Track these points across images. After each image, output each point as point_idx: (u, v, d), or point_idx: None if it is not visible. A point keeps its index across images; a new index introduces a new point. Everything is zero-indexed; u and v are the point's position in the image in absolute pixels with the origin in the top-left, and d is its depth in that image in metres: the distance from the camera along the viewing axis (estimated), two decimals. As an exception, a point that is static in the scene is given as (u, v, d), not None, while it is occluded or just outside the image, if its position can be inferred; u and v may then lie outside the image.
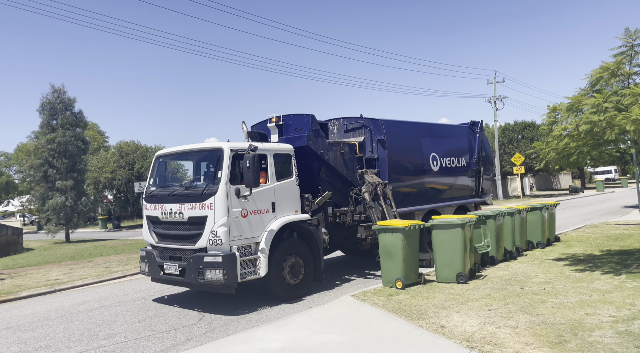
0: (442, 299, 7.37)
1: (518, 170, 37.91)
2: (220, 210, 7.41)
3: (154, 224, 8.48)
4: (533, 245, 11.95)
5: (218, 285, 7.35)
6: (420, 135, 11.53)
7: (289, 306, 7.94)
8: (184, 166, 9.41)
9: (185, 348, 6.04)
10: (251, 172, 7.40)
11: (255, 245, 7.78)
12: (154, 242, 8.41)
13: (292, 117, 9.59)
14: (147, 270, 8.43)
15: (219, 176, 7.63)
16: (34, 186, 24.70)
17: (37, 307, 9.04)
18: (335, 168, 9.53)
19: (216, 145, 8.06)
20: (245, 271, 7.50)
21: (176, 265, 7.79)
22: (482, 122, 13.53)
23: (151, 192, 8.64)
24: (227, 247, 7.37)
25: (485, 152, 13.46)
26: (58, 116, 23.14)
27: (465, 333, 5.70)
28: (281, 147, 8.70)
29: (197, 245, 7.57)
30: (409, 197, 10.92)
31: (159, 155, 8.92)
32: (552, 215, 12.68)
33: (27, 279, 11.94)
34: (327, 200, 9.25)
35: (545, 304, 6.74)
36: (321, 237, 8.85)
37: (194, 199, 7.71)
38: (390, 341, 5.58)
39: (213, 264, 7.29)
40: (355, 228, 9.78)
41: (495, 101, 39.14)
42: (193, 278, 7.47)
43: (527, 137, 42.04)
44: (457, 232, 8.44)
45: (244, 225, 7.63)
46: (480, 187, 13.11)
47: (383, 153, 10.32)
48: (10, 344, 6.73)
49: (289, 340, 5.81)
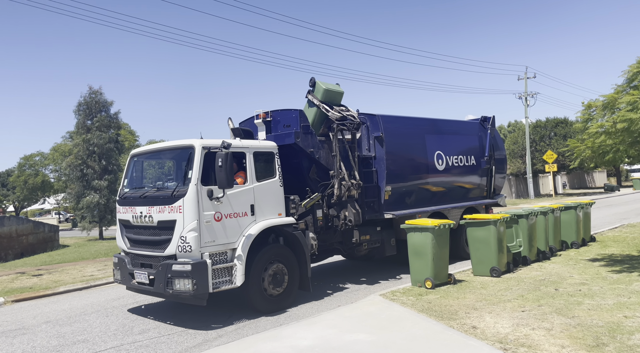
0: (473, 300, 7.26)
1: (550, 168, 36.99)
2: (189, 214, 6.76)
3: (126, 228, 7.86)
4: (567, 245, 11.64)
5: (187, 296, 6.69)
6: (423, 132, 10.73)
7: (317, 304, 7.96)
8: (161, 165, 8.90)
9: (217, 344, 6.13)
10: (223, 172, 6.71)
11: (231, 251, 7.13)
12: (126, 248, 7.80)
13: (280, 112, 8.89)
14: (119, 278, 7.86)
15: (190, 176, 6.98)
16: (70, 185, 25.54)
17: (74, 302, 9.34)
18: (327, 167, 8.82)
19: (187, 143, 7.35)
20: (218, 280, 6.84)
21: (146, 273, 7.17)
22: (493, 118, 12.54)
23: (124, 194, 8.05)
24: (197, 254, 6.73)
25: (497, 150, 12.54)
26: (93, 117, 23.86)
27: (497, 335, 5.60)
28: (262, 145, 8.02)
29: (166, 252, 6.96)
30: (410, 199, 10.16)
31: (133, 154, 8.33)
32: (587, 214, 12.32)
33: (63, 275, 12.34)
34: (316, 202, 8.52)
35: (582, 306, 6.55)
36: (309, 242, 8.13)
37: (163, 202, 7.08)
38: (420, 341, 5.53)
39: (182, 273, 6.63)
40: (350, 232, 9.09)
41: (526, 97, 38.28)
42: (162, 288, 6.83)
43: (560, 134, 40.90)
44: (490, 229, 8.84)
45: (218, 230, 6.96)
46: (491, 187, 12.23)
47: (381, 151, 9.53)
48: (50, 338, 6.98)
49: (318, 338, 5.82)
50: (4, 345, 6.74)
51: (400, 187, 9.84)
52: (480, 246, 8.97)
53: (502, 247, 8.99)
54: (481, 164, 11.95)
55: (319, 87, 8.95)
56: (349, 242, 9.20)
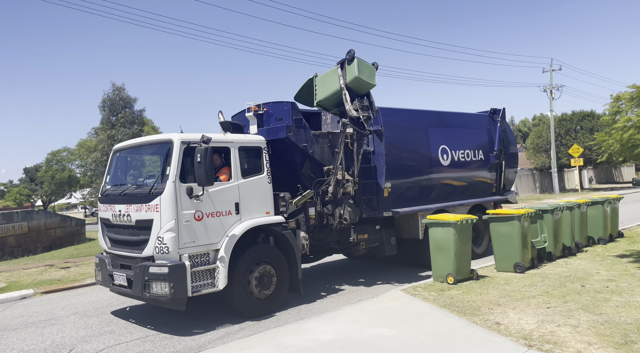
0: (497, 296, 7.17)
1: (576, 162, 36.18)
2: (167, 213, 6.38)
3: (107, 227, 7.51)
4: (594, 241, 11.39)
5: (165, 300, 6.37)
6: (427, 125, 10.20)
7: (338, 298, 7.97)
8: (142, 161, 8.50)
9: (239, 337, 6.20)
10: (203, 168, 6.31)
11: (214, 253, 6.75)
12: (106, 248, 7.46)
13: (272, 105, 8.45)
14: (100, 279, 7.57)
15: (167, 173, 6.59)
16: (95, 180, 26.10)
17: (100, 294, 9.55)
18: (322, 163, 8.39)
19: (166, 137, 6.99)
20: (198, 283, 6.49)
21: (124, 275, 6.85)
22: (504, 110, 11.97)
23: (105, 191, 7.74)
24: (175, 255, 6.37)
25: (507, 144, 12.03)
26: (118, 113, 24.34)
27: (522, 331, 5.52)
28: (248, 139, 7.57)
29: (144, 253, 6.59)
30: (411, 196, 9.67)
31: (115, 149, 7.99)
32: (614, 210, 12.02)
33: (90, 268, 12.62)
34: (308, 200, 8.07)
35: (609, 303, 6.40)
36: (299, 242, 7.72)
37: (141, 200, 6.72)
38: (442, 337, 5.49)
39: (158, 276, 6.29)
40: (347, 231, 8.66)
41: (551, 90, 37.45)
42: (139, 291, 6.51)
43: (586, 128, 39.98)
44: (514, 224, 8.67)
45: (199, 230, 6.57)
46: (501, 183, 11.73)
47: (380, 145, 9.03)
48: (78, 328, 7.16)
49: (339, 333, 5.83)
50: (35, 335, 6.96)
51: (400, 183, 9.36)
52: (503, 241, 8.83)
53: (526, 242, 8.84)
54: (490, 159, 11.43)
55: (352, 68, 8.00)
56: (346, 242, 8.75)
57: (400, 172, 9.39)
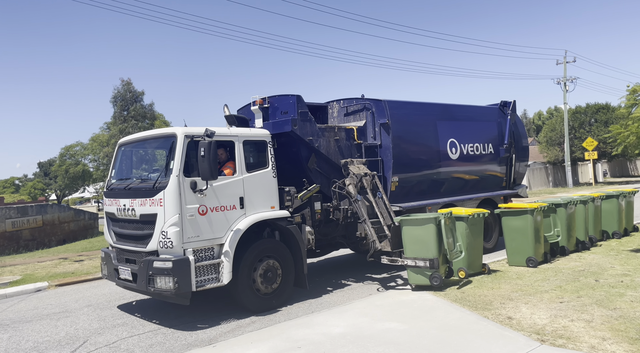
0: (509, 290, 7.11)
1: (590, 156, 35.68)
2: (170, 207, 6.37)
3: (112, 222, 7.53)
4: (608, 235, 11.23)
5: (169, 294, 6.35)
6: (435, 118, 10.07)
7: (348, 292, 7.97)
8: (147, 155, 8.56)
9: (250, 330, 6.23)
10: (206, 162, 6.28)
11: (218, 247, 6.73)
12: (112, 242, 7.49)
13: (277, 98, 8.40)
14: (106, 273, 7.57)
15: (171, 167, 6.57)
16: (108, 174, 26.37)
17: (113, 287, 9.63)
18: (328, 157, 8.35)
19: (170, 131, 6.98)
20: (203, 278, 6.50)
21: (129, 269, 6.86)
22: (514, 103, 11.77)
23: (110, 185, 7.71)
24: (179, 250, 6.36)
25: (518, 137, 11.91)
26: (129, 108, 24.55)
27: (534, 326, 5.47)
28: (253, 133, 7.51)
29: (148, 247, 6.57)
30: (419, 190, 9.56)
31: (120, 143, 7.98)
32: (630, 204, 11.83)
33: (103, 261, 12.78)
34: (314, 194, 8.02)
35: (624, 298, 6.32)
36: (305, 237, 7.67)
37: (145, 194, 6.70)
38: (454, 331, 5.46)
39: (162, 270, 6.30)
40: (353, 225, 8.56)
41: (565, 82, 36.95)
42: (144, 285, 6.53)
43: (601, 121, 39.31)
44: (527, 218, 8.61)
45: (203, 225, 6.56)
46: (511, 177, 11.61)
47: (387, 139, 8.95)
48: (92, 321, 7.25)
49: (350, 326, 5.83)
50: (49, 327, 7.06)
51: (408, 177, 9.28)
52: (516, 236, 8.75)
53: (539, 236, 8.75)
54: (500, 152, 11.27)
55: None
56: (353, 236, 8.66)
57: (408, 166, 9.31)
